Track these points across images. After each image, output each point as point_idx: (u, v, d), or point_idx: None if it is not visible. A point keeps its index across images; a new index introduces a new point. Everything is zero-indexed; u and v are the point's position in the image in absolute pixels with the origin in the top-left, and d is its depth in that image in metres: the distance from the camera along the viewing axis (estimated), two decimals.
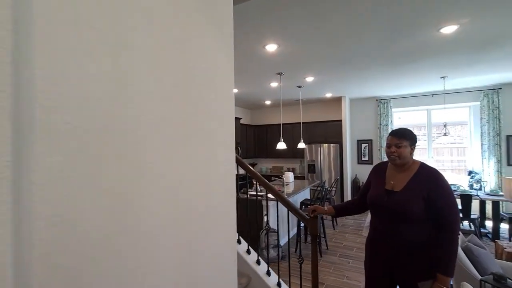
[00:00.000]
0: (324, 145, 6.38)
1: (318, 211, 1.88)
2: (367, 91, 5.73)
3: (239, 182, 6.44)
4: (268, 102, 6.89)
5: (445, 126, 5.23)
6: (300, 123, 6.64)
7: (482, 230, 4.44)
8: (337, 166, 6.23)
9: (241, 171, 2.27)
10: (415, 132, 6.30)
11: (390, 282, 1.54)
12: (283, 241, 4.09)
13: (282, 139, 4.37)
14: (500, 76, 4.66)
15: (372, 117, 6.52)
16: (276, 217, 3.64)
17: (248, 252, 2.23)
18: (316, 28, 2.63)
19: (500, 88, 5.26)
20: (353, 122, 6.75)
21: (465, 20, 2.50)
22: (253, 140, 7.67)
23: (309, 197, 5.55)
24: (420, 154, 6.18)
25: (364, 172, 6.54)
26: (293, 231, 4.54)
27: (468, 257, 2.20)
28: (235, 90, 5.40)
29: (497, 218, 4.20)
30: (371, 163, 6.50)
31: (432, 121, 6.12)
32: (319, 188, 4.62)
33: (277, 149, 7.06)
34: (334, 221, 5.15)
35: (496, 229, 4.17)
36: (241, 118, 6.81)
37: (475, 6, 2.26)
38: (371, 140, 6.52)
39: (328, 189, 5.20)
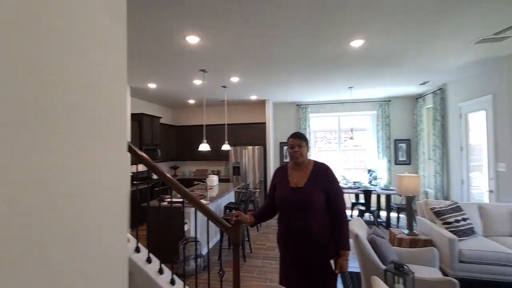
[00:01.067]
0: (249, 147, 6.40)
1: (241, 218, 1.76)
2: (289, 96, 6.04)
3: (156, 188, 5.79)
4: (191, 101, 6.49)
5: (351, 131, 5.97)
6: (224, 124, 6.50)
7: (378, 220, 5.21)
8: (261, 167, 6.34)
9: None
10: (328, 136, 6.94)
11: (304, 278, 1.60)
12: (206, 249, 3.82)
13: (205, 140, 4.10)
14: (390, 90, 5.60)
15: (292, 121, 6.93)
16: (198, 224, 3.34)
17: (161, 271, 1.89)
18: (240, 28, 2.51)
19: (390, 101, 6.36)
20: (276, 125, 7.03)
21: (368, 36, 2.81)
22: (175, 142, 7.10)
23: (233, 200, 5.43)
24: (332, 156, 6.90)
25: None
26: (217, 237, 4.31)
27: (373, 248, 2.44)
28: (153, 85, 4.84)
29: (389, 208, 5.00)
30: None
31: (341, 126, 6.92)
32: (243, 191, 4.55)
33: (201, 151, 6.72)
34: None
35: (388, 218, 4.95)
36: (161, 117, 6.19)
37: (376, 25, 2.55)
38: None
39: (252, 191, 5.19)
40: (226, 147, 5.01)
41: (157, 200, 3.60)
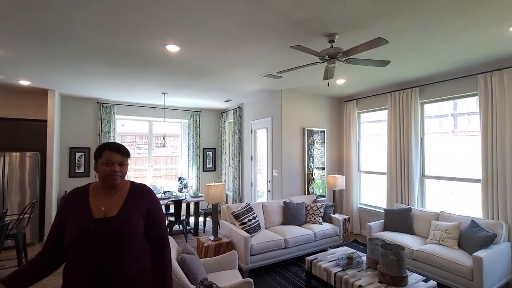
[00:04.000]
0: (13, 153, 4.37)
1: None
2: (86, 90, 4.78)
3: None
4: None
5: (163, 137, 5.70)
6: None
7: (188, 227, 5.27)
8: (35, 183, 4.52)
9: None
10: (138, 141, 6.23)
11: None
12: None
13: None
14: (201, 102, 5.94)
15: (92, 121, 5.58)
16: None
17: None
18: None
19: (201, 112, 6.78)
20: (66, 125, 5.36)
21: (183, 44, 2.70)
22: None
23: None
24: (141, 163, 6.27)
25: None
26: None
27: (182, 268, 2.27)
28: None
29: (197, 214, 5.20)
30: (89, 175, 5.50)
31: (153, 132, 6.48)
32: None
33: None
34: None
35: (196, 224, 5.12)
36: None
37: (188, 35, 2.48)
38: (89, 148, 5.53)
39: (18, 218, 3.53)
40: None
41: None
